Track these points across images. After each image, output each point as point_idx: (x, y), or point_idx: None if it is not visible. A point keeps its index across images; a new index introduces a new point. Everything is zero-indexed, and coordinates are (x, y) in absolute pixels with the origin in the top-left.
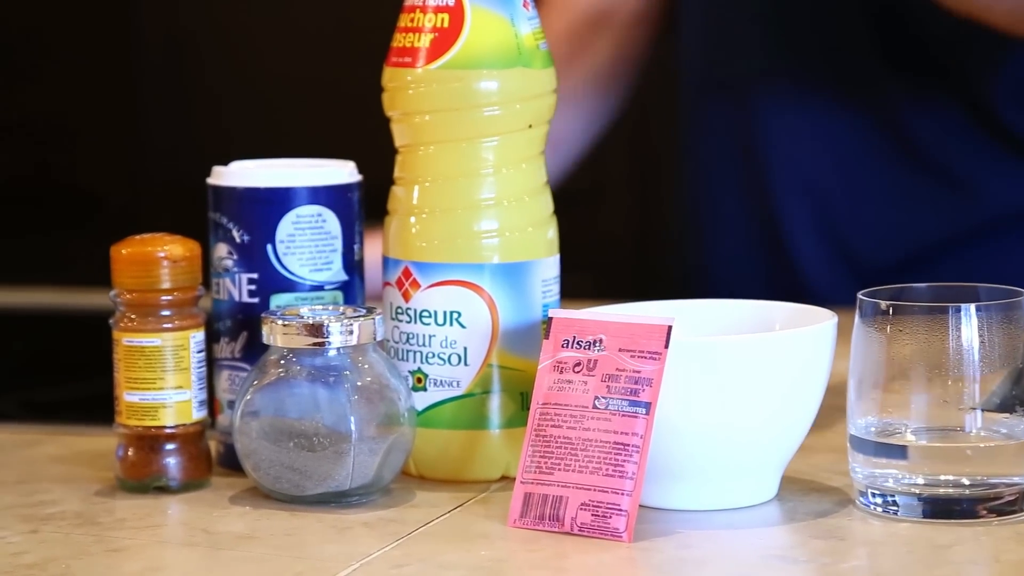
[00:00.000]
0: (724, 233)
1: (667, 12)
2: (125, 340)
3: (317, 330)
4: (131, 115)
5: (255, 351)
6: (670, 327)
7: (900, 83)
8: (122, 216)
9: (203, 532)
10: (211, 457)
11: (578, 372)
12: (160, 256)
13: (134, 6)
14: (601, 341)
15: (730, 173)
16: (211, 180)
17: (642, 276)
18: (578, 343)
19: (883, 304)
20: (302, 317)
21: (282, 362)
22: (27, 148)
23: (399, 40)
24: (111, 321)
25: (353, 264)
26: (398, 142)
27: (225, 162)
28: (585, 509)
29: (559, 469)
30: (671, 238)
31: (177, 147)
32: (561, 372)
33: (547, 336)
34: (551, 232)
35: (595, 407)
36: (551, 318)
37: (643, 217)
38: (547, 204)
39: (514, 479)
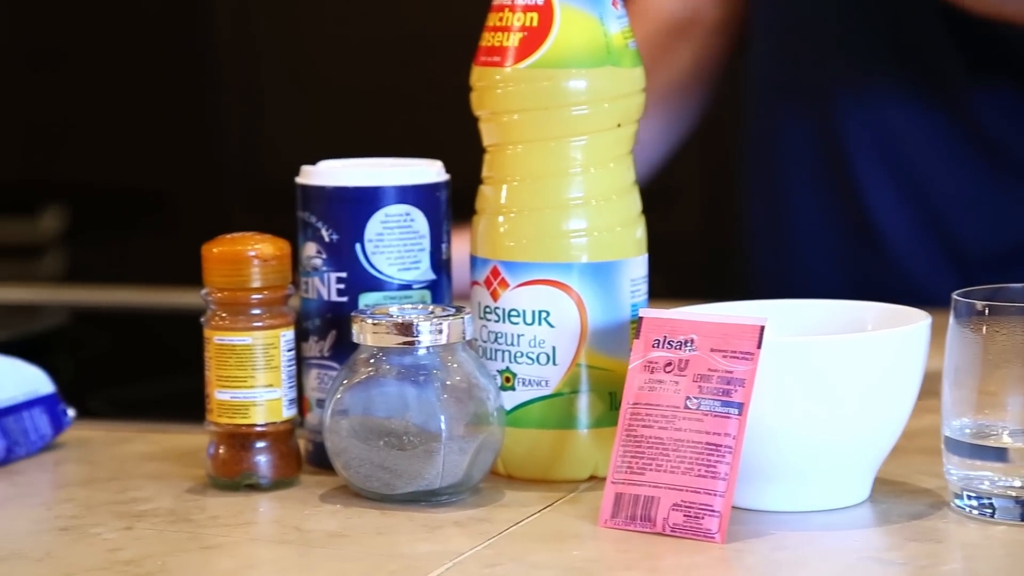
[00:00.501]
0: (806, 233)
1: (746, 21)
2: (216, 338)
3: (407, 329)
4: (206, 116)
5: (343, 350)
6: (763, 327)
7: (977, 80)
8: (198, 217)
9: (295, 530)
10: (300, 455)
11: (669, 372)
12: (251, 255)
13: (208, 7)
14: (692, 341)
15: (811, 174)
16: (300, 179)
17: (713, 277)
18: (669, 343)
19: (979, 304)
20: (392, 316)
21: (372, 361)
22: (107, 150)
23: (487, 39)
24: (202, 320)
25: (440, 263)
26: (486, 141)
27: (310, 162)
28: (677, 510)
29: (650, 469)
30: (743, 239)
31: (255, 147)
32: (652, 372)
33: (637, 336)
34: (639, 231)
35: (687, 407)
36: (642, 318)
37: (715, 218)
38: (635, 203)
39: (602, 479)
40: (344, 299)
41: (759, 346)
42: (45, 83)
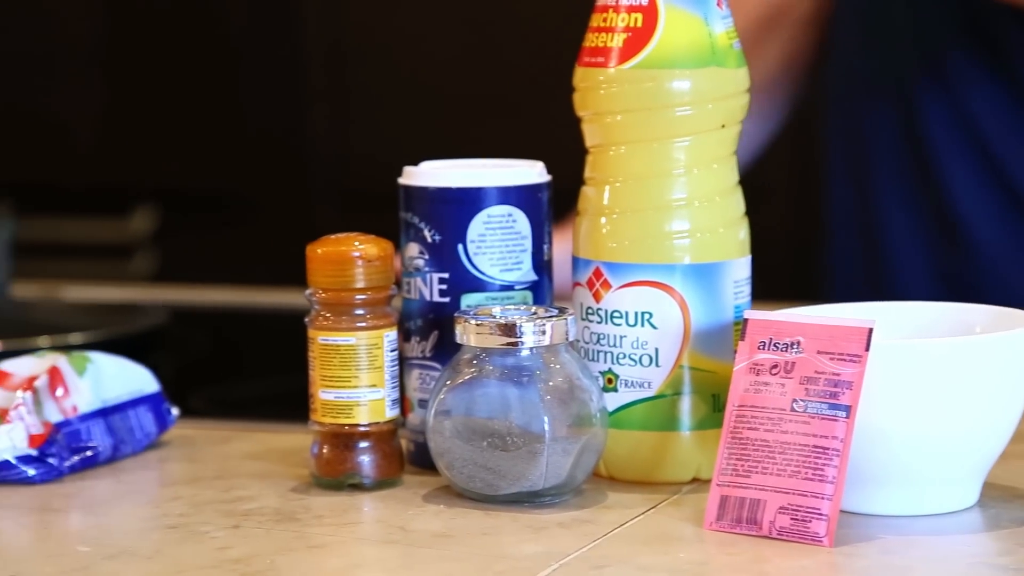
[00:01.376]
0: (891, 228)
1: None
2: (320, 339)
3: (510, 330)
4: (294, 119)
5: (445, 350)
6: (871, 330)
7: None
8: (284, 218)
9: (400, 530)
10: (403, 455)
11: (775, 374)
12: (354, 256)
13: (297, 10)
14: (799, 343)
15: (896, 167)
16: (403, 180)
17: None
18: (775, 345)
19: None
20: (495, 317)
21: (475, 362)
22: (197, 153)
23: (591, 40)
24: (306, 320)
25: (542, 264)
26: (589, 142)
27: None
28: (784, 513)
29: (756, 472)
30: (827, 236)
31: (343, 149)
32: (757, 374)
33: (743, 338)
34: (743, 233)
35: (793, 410)
36: (747, 320)
37: (803, 218)
38: (739, 204)
39: (704, 482)
40: (446, 300)
41: (867, 348)
42: (138, 87)
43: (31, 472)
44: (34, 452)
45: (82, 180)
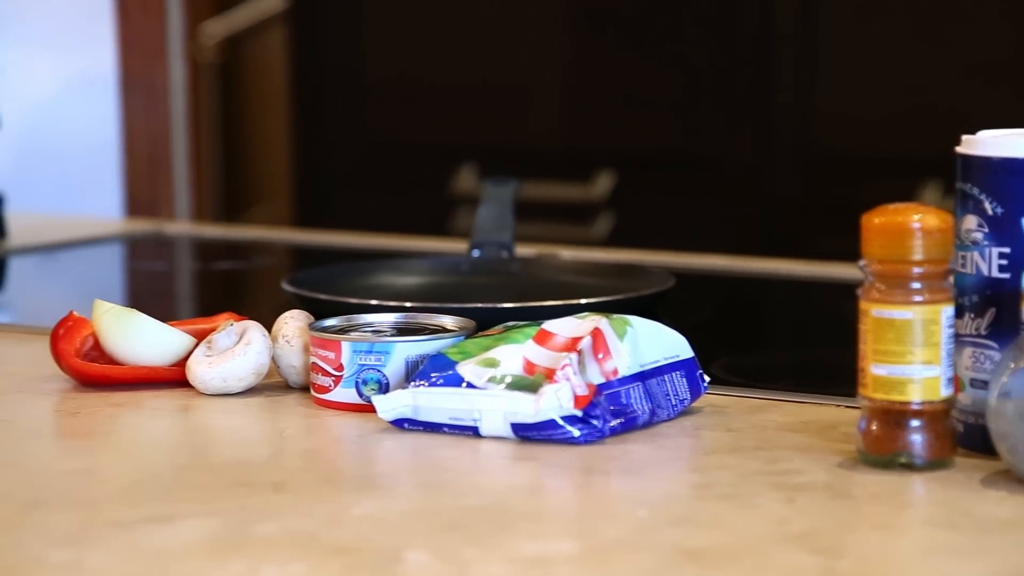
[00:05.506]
0: None
1: None
2: (874, 311)
3: None
4: (762, 84)
5: (1002, 329)
6: None
7: None
8: (746, 184)
9: (965, 514)
10: (955, 436)
11: None
12: (913, 227)
13: None
14: None
15: None
16: (961, 149)
17: None
18: None
19: None
20: None
21: None
22: (660, 118)
23: None
24: (858, 291)
25: None
26: None
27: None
28: None
29: None
30: None
31: (809, 115)
32: None
33: None
34: None
35: None
36: None
37: None
38: None
39: None
40: (1006, 275)
41: None
42: (597, 55)
43: (576, 433)
44: (578, 413)
45: (544, 145)
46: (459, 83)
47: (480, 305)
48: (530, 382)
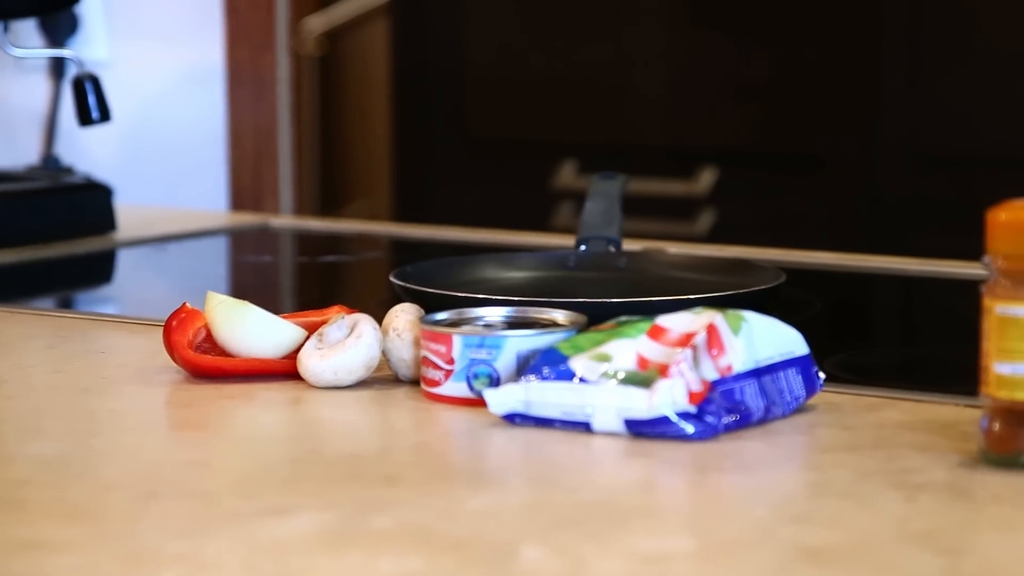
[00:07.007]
0: None
1: None
2: (998, 308)
3: None
4: (867, 81)
5: None
6: None
7: None
8: (851, 182)
9: None
10: None
11: None
12: None
13: None
14: None
15: None
16: None
17: None
18: None
19: None
20: None
21: None
22: (768, 113)
23: None
24: (982, 288)
25: None
26: None
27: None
28: None
29: None
30: None
31: (915, 112)
32: None
33: None
34: None
35: None
36: None
37: None
38: None
39: None
40: None
41: None
42: (702, 52)
43: (689, 429)
44: (692, 409)
45: (646, 140)
46: (560, 78)
47: (591, 300)
48: (643, 377)
